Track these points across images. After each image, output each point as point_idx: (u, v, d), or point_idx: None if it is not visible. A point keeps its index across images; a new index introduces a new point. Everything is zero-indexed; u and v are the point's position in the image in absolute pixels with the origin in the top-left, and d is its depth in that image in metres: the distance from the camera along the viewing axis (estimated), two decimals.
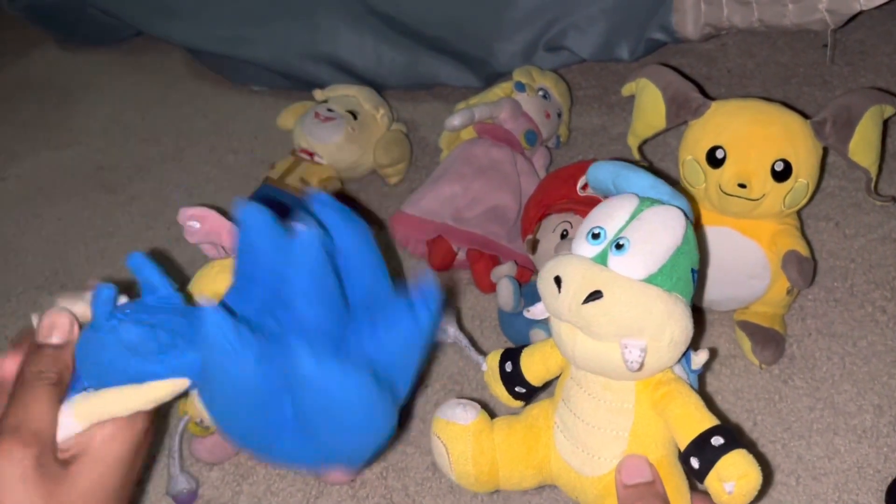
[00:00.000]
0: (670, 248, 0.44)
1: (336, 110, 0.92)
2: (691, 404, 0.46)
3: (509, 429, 0.53)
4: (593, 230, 0.46)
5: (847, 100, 0.65)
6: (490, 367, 0.56)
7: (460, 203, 0.80)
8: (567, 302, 0.45)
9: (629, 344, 0.44)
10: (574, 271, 0.45)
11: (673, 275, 0.45)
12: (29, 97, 1.29)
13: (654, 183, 0.48)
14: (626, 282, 0.44)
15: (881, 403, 0.64)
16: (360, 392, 0.37)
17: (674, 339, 0.44)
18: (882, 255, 0.76)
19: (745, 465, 0.43)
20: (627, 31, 0.97)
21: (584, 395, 0.49)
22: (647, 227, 0.45)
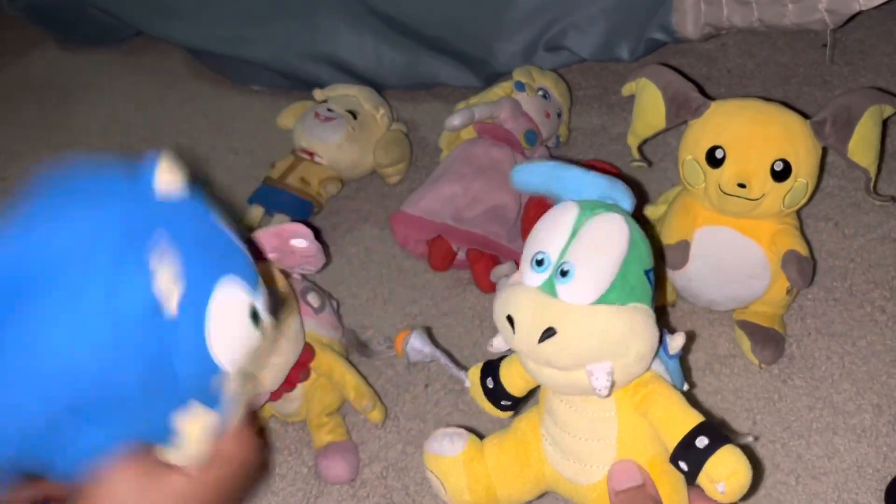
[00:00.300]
0: (617, 261, 0.43)
1: (336, 110, 0.93)
2: (672, 404, 0.46)
3: (500, 449, 0.53)
4: (536, 256, 0.45)
5: (846, 100, 0.65)
6: (472, 382, 0.56)
7: (460, 203, 0.81)
8: (523, 342, 0.44)
9: (594, 370, 0.43)
10: (524, 311, 0.44)
11: (625, 286, 0.44)
12: (29, 97, 1.29)
13: (589, 177, 0.46)
14: (577, 312, 0.43)
15: (880, 403, 0.64)
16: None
17: (639, 353, 0.44)
18: (881, 255, 0.76)
19: (732, 463, 0.43)
20: (627, 30, 0.97)
21: (566, 407, 0.49)
22: (589, 245, 0.43)
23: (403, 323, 0.78)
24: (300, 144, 0.92)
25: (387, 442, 0.68)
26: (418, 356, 0.58)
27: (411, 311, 0.79)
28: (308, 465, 0.67)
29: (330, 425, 0.66)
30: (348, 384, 0.65)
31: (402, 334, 0.59)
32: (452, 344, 0.75)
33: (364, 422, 0.69)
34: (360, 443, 0.68)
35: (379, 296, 0.82)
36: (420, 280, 0.83)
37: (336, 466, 0.64)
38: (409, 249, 0.84)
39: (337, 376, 0.66)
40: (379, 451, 0.67)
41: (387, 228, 0.88)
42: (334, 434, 0.66)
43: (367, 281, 0.84)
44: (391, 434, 0.68)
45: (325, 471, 0.64)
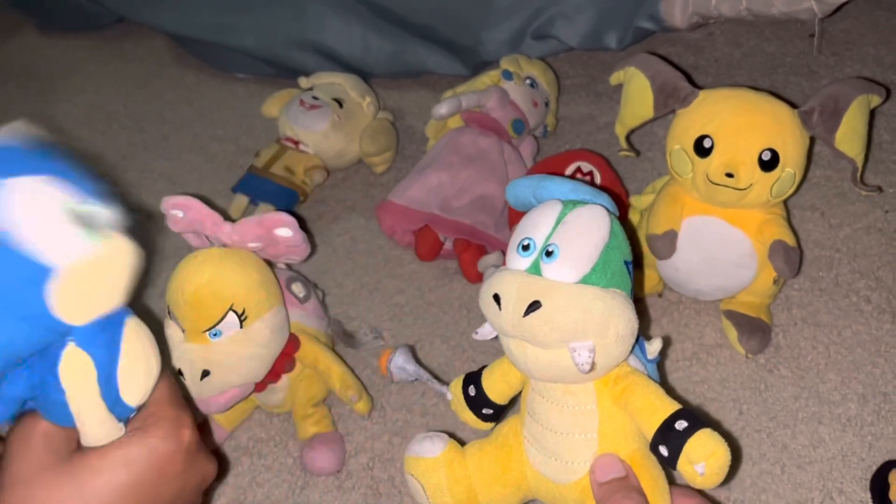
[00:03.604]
0: (599, 245, 0.45)
1: (322, 98, 0.92)
2: (651, 393, 0.47)
3: (481, 452, 0.53)
4: (522, 242, 0.47)
5: (834, 89, 0.65)
6: (455, 394, 0.56)
7: (447, 192, 0.80)
8: (508, 318, 0.45)
9: (577, 347, 0.44)
10: (509, 286, 0.45)
11: (607, 271, 0.45)
12: (9, 84, 1.27)
13: (573, 187, 0.48)
14: (561, 287, 0.44)
15: (865, 392, 0.65)
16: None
17: (619, 333, 0.45)
18: (867, 245, 0.77)
19: (712, 444, 0.44)
20: (615, 19, 0.97)
21: (548, 404, 0.49)
22: (573, 229, 0.46)
23: (390, 313, 0.78)
24: (285, 133, 0.91)
25: (373, 433, 0.67)
26: (402, 374, 0.59)
27: (398, 301, 0.79)
28: (293, 456, 0.67)
29: (315, 416, 0.66)
30: (334, 375, 0.65)
31: (387, 353, 0.60)
32: (438, 334, 0.75)
33: (350, 413, 0.69)
34: (345, 434, 0.67)
35: (365, 286, 0.81)
36: (407, 270, 0.82)
37: (322, 458, 0.64)
38: (395, 239, 0.84)
39: (322, 367, 0.65)
40: (365, 443, 0.67)
41: (373, 218, 0.87)
42: (320, 425, 0.66)
43: (352, 271, 0.83)
44: (377, 425, 0.68)
45: (311, 462, 0.64)
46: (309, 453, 0.64)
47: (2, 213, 0.34)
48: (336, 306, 0.78)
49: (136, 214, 0.40)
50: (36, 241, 0.34)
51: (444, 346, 0.74)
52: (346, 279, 0.82)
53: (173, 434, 0.43)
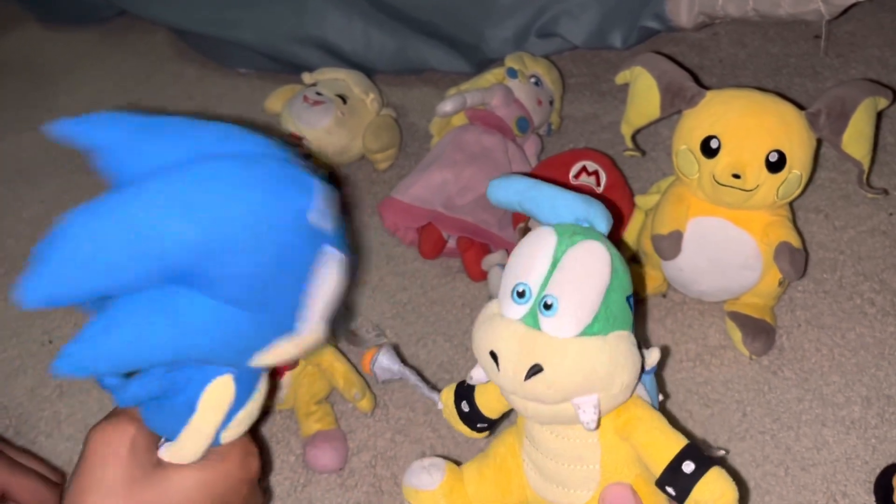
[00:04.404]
0: (600, 292, 0.43)
1: (325, 94, 0.91)
2: (654, 428, 0.46)
3: (480, 476, 0.53)
4: (517, 288, 0.44)
5: (841, 91, 0.65)
6: (446, 405, 0.55)
7: (451, 190, 0.80)
8: (509, 381, 0.44)
9: (581, 403, 0.43)
10: (508, 347, 0.43)
11: (608, 316, 0.43)
12: (9, 77, 1.27)
13: (565, 201, 0.45)
14: (562, 346, 0.42)
15: (869, 395, 0.65)
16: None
17: (623, 383, 0.44)
18: (871, 248, 0.76)
19: (719, 487, 0.44)
20: (620, 18, 0.97)
21: (549, 434, 0.48)
22: (572, 277, 0.42)
23: (392, 310, 0.77)
24: (288, 129, 0.91)
25: (375, 431, 0.67)
26: (387, 374, 0.58)
27: (400, 298, 0.79)
28: (296, 453, 0.67)
29: (318, 414, 0.66)
30: (337, 372, 0.65)
31: (370, 352, 0.59)
32: (441, 332, 0.75)
33: (352, 410, 0.69)
34: (348, 431, 0.67)
35: (367, 283, 0.81)
36: (409, 268, 0.82)
37: (324, 455, 0.63)
38: (398, 237, 0.83)
39: (326, 364, 0.65)
40: (367, 440, 0.66)
41: (375, 215, 0.87)
42: (322, 423, 0.65)
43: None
44: (380, 423, 0.68)
45: (313, 460, 0.64)
46: (311, 451, 0.64)
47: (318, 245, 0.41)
48: None
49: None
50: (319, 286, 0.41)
51: (446, 344, 0.74)
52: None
53: (244, 463, 0.45)
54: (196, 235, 0.35)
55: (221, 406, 0.42)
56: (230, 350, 0.39)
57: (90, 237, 0.33)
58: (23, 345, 0.80)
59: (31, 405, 0.74)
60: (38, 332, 0.81)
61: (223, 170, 0.37)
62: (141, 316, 0.36)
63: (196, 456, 0.43)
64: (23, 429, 0.72)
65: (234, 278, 0.37)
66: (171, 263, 0.35)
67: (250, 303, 0.38)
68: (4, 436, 0.71)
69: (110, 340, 0.36)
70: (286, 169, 0.39)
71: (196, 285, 0.37)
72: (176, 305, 0.37)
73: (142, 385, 0.41)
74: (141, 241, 0.34)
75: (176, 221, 0.35)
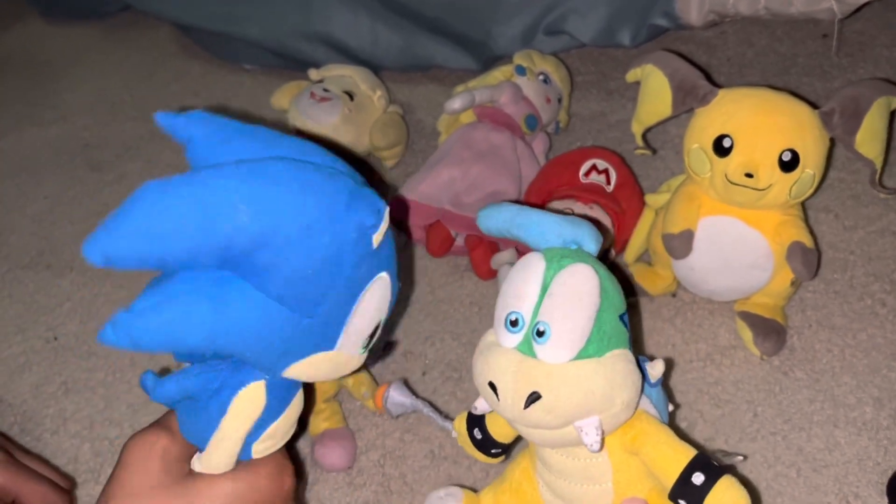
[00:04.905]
0: (591, 315, 0.43)
1: (332, 90, 0.91)
2: (662, 442, 0.46)
3: (497, 502, 0.53)
4: (510, 317, 0.44)
5: (854, 91, 0.65)
6: (459, 432, 0.56)
7: (459, 188, 0.79)
8: (509, 410, 0.44)
9: (583, 426, 0.43)
10: (505, 377, 0.43)
11: (603, 337, 0.43)
12: (12, 72, 1.26)
13: (550, 223, 0.46)
14: (559, 372, 0.42)
15: (881, 396, 0.64)
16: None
17: (624, 401, 0.44)
18: (881, 248, 0.76)
19: (731, 496, 0.44)
20: (629, 16, 0.96)
21: (558, 455, 0.49)
22: (562, 302, 0.43)
23: (400, 309, 0.77)
24: (295, 125, 0.90)
25: (384, 430, 0.67)
26: (400, 409, 0.59)
27: (408, 296, 0.78)
28: (304, 452, 0.66)
29: (327, 412, 0.65)
30: None
31: (381, 389, 0.60)
32: (449, 331, 0.74)
33: (361, 409, 0.68)
34: (356, 430, 0.67)
35: None
36: (417, 265, 0.81)
37: (333, 454, 0.63)
38: None
39: None
40: (376, 439, 0.66)
41: None
42: (331, 421, 0.65)
43: None
44: (388, 422, 0.67)
45: (322, 458, 0.63)
46: (320, 449, 0.63)
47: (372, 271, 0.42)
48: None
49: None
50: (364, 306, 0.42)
51: (454, 343, 0.73)
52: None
53: (277, 478, 0.45)
54: (254, 222, 0.36)
55: (252, 412, 0.42)
56: (268, 350, 0.40)
57: (158, 206, 0.35)
58: (28, 341, 0.80)
59: (36, 402, 0.73)
60: (42, 328, 0.81)
61: (295, 170, 0.38)
62: (191, 296, 0.37)
63: (225, 465, 0.43)
64: (28, 426, 0.71)
65: (284, 274, 0.38)
66: (227, 244, 0.36)
67: (297, 304, 0.39)
68: (10, 433, 0.70)
69: (158, 317, 0.36)
70: (359, 188, 0.40)
71: (248, 275, 0.38)
72: (226, 292, 0.37)
73: (177, 382, 0.41)
74: (203, 217, 0.35)
75: (239, 206, 0.36)
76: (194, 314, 0.37)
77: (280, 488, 0.45)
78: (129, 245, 0.34)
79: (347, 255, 0.39)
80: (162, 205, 0.35)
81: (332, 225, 0.38)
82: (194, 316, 0.37)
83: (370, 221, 0.40)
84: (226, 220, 0.36)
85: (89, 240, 0.34)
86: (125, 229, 0.34)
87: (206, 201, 0.35)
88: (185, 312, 0.37)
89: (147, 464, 0.42)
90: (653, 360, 0.49)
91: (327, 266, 0.39)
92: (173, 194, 0.35)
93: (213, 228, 0.36)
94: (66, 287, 0.85)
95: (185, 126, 0.41)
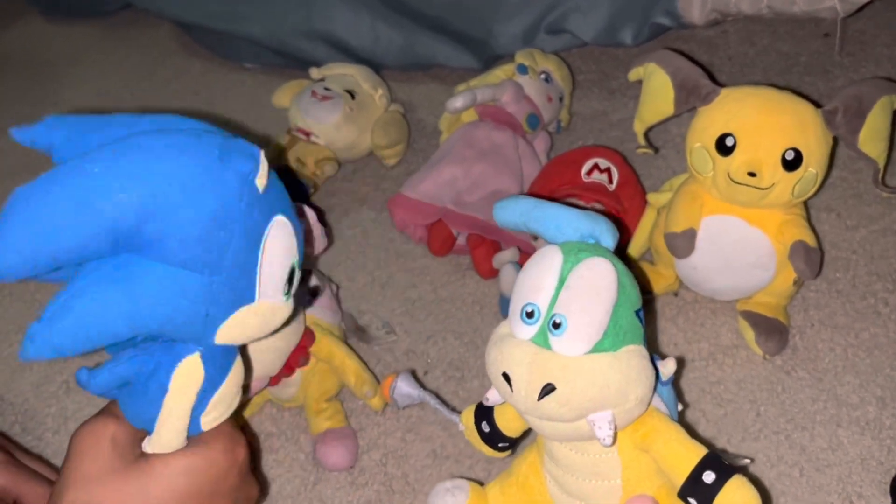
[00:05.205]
0: (608, 309, 0.43)
1: (334, 89, 0.90)
2: (673, 440, 0.46)
3: (504, 496, 0.53)
4: (526, 308, 0.44)
5: (857, 90, 0.65)
6: (466, 425, 0.56)
7: (461, 187, 0.79)
8: (522, 401, 0.44)
9: (596, 420, 0.43)
10: (520, 368, 0.43)
11: (618, 332, 0.43)
12: (12, 70, 1.26)
13: (569, 219, 0.46)
14: (574, 365, 0.42)
15: (884, 396, 0.64)
16: None
17: (638, 397, 0.44)
18: (884, 247, 0.76)
19: (741, 496, 0.44)
20: (631, 15, 0.96)
21: (567, 450, 0.48)
22: (579, 296, 0.43)
23: (402, 308, 0.77)
24: (296, 124, 0.90)
25: (386, 429, 0.67)
26: (406, 400, 0.59)
27: (410, 296, 0.78)
28: (305, 451, 0.66)
29: (329, 411, 0.65)
30: (349, 370, 0.64)
31: (388, 380, 0.60)
32: (451, 330, 0.74)
33: (363, 408, 0.68)
34: (358, 429, 0.66)
35: (377, 280, 0.80)
36: (419, 265, 0.81)
37: (335, 453, 0.63)
38: (407, 233, 0.83)
39: (337, 361, 0.64)
40: (378, 439, 0.66)
41: (384, 211, 0.86)
42: (333, 420, 0.65)
43: (364, 265, 0.82)
44: (390, 421, 0.67)
45: (324, 458, 0.63)
46: (322, 448, 0.63)
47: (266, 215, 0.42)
48: (347, 300, 0.78)
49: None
50: (269, 252, 0.42)
51: (456, 342, 0.73)
52: (357, 273, 0.81)
53: (230, 450, 0.45)
54: (133, 196, 0.36)
55: (192, 385, 0.42)
56: (190, 319, 0.40)
57: (34, 207, 0.35)
58: None
59: (38, 401, 0.73)
60: None
61: (161, 138, 0.38)
62: (97, 288, 0.37)
63: (176, 442, 0.43)
64: (29, 425, 0.71)
65: (178, 239, 0.38)
66: (113, 226, 0.36)
67: (201, 265, 0.39)
68: (11, 432, 0.70)
69: (70, 316, 0.36)
70: (229, 140, 0.40)
71: (145, 250, 0.37)
72: (130, 274, 0.37)
73: (110, 371, 0.41)
74: (81, 204, 0.35)
75: (113, 184, 0.36)
76: (106, 303, 0.37)
77: (234, 459, 0.45)
78: (15, 253, 0.34)
79: (234, 204, 0.39)
80: (37, 204, 0.35)
81: (210, 180, 0.38)
82: (107, 305, 0.37)
83: (247, 167, 0.40)
84: (104, 200, 0.36)
85: None
86: (7, 239, 0.34)
87: (80, 188, 0.35)
88: (97, 304, 0.37)
89: (98, 451, 0.42)
90: (664, 358, 0.49)
91: (218, 220, 0.39)
92: (45, 190, 0.35)
93: (94, 212, 0.35)
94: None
95: (43, 133, 0.40)
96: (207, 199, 0.38)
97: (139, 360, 0.41)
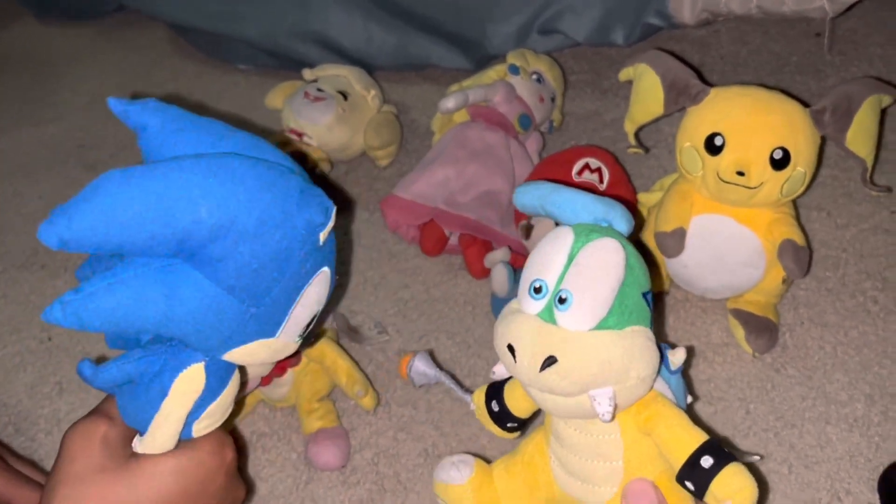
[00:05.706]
0: (614, 287, 0.43)
1: (326, 90, 0.91)
2: (675, 424, 0.46)
3: (508, 473, 0.54)
4: (534, 284, 0.45)
5: (846, 89, 0.65)
6: (477, 405, 0.56)
7: (453, 187, 0.79)
8: (525, 372, 0.44)
9: (596, 396, 0.44)
10: (523, 339, 0.44)
11: (624, 311, 0.44)
12: (8, 72, 1.26)
13: (584, 203, 0.46)
14: (577, 339, 0.43)
15: (872, 393, 0.64)
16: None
17: (640, 375, 0.44)
18: (873, 246, 0.76)
19: (737, 482, 0.44)
20: (623, 15, 0.97)
21: (572, 430, 0.49)
22: (586, 272, 0.43)
23: (394, 308, 0.77)
24: (289, 125, 0.90)
25: (378, 428, 0.67)
26: (423, 379, 0.59)
27: (402, 296, 0.78)
28: (297, 451, 0.66)
29: (320, 411, 0.65)
30: (340, 369, 0.64)
31: (407, 358, 0.60)
32: (443, 330, 0.74)
33: (354, 408, 0.68)
34: (350, 429, 0.67)
35: (369, 280, 0.80)
36: (411, 265, 0.82)
37: (326, 453, 0.63)
38: (400, 234, 0.83)
39: (329, 361, 0.65)
40: (370, 438, 0.66)
41: (377, 212, 0.86)
42: (325, 420, 0.65)
43: (356, 265, 0.82)
44: (382, 420, 0.67)
45: (316, 457, 0.63)
46: (314, 448, 0.63)
47: (317, 264, 0.45)
48: (339, 300, 0.78)
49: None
50: (307, 296, 0.45)
51: (449, 342, 0.73)
52: (349, 273, 0.81)
53: (218, 451, 0.46)
54: (212, 216, 0.38)
55: (192, 392, 0.43)
56: (212, 336, 0.41)
57: (121, 195, 0.36)
58: (22, 342, 0.80)
59: (31, 402, 0.74)
60: (37, 329, 0.81)
61: (251, 167, 0.40)
62: (143, 281, 0.38)
63: (168, 444, 0.44)
64: (22, 426, 0.72)
65: (236, 266, 0.39)
66: (184, 236, 0.38)
67: (245, 295, 0.41)
68: (4, 433, 0.71)
69: (109, 297, 0.38)
70: (309, 186, 0.42)
71: (201, 265, 0.39)
72: (177, 280, 0.39)
73: (118, 367, 0.42)
74: (163, 209, 0.37)
75: (199, 199, 0.37)
76: (146, 299, 0.38)
77: (222, 461, 0.46)
78: (88, 229, 0.36)
79: (296, 250, 0.41)
80: (125, 194, 0.36)
81: (284, 221, 0.40)
82: (146, 300, 0.38)
83: (319, 219, 0.42)
84: (185, 212, 0.37)
85: (47, 221, 0.35)
86: (86, 214, 0.36)
87: (167, 194, 0.37)
88: (137, 296, 0.38)
89: (89, 450, 0.43)
90: (675, 347, 0.50)
91: (277, 260, 0.40)
92: (136, 184, 0.37)
93: (173, 220, 0.37)
94: (61, 287, 0.85)
95: (139, 114, 0.42)
96: (276, 238, 0.40)
97: (146, 360, 0.42)
